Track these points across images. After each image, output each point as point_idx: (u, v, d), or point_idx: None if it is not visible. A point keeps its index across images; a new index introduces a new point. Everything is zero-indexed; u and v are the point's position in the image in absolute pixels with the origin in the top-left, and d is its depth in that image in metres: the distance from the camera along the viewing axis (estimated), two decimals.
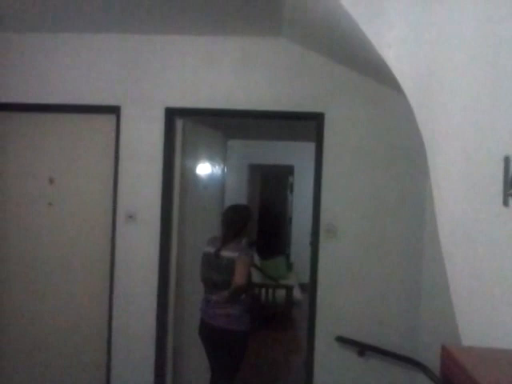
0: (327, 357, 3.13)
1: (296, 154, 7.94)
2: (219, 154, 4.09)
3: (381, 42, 1.90)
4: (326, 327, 3.13)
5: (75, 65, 3.27)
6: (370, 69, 2.90)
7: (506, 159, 1.00)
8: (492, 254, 1.07)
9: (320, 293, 3.14)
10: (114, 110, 3.26)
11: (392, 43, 1.84)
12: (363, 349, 3.04)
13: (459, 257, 1.25)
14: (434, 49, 1.61)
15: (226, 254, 2.85)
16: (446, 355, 0.74)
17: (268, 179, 9.25)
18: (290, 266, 7.29)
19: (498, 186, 1.02)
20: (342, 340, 3.08)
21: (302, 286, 6.75)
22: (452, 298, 1.25)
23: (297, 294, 6.15)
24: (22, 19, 3.06)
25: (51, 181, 3.37)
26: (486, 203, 1.09)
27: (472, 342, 1.12)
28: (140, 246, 3.24)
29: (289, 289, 5.91)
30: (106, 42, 3.26)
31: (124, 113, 3.26)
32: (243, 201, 7.62)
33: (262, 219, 8.66)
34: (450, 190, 1.38)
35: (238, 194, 7.38)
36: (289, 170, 8.63)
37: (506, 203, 1.00)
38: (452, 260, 1.30)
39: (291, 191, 8.91)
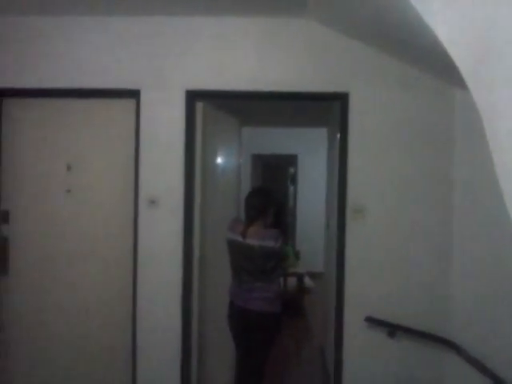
0: (356, 338, 3.11)
1: (300, 143, 7.93)
2: (235, 140, 4.05)
3: (427, 9, 1.86)
4: (355, 308, 3.11)
5: (92, 48, 3.19)
6: (399, 48, 2.87)
7: None
8: None
9: (348, 273, 3.12)
10: (133, 94, 3.19)
11: (439, 10, 1.79)
12: (393, 329, 3.01)
13: None
14: (489, 12, 1.57)
15: (256, 242, 2.82)
16: None
17: (270, 169, 9.19)
18: (297, 255, 7.26)
19: None
20: (372, 320, 3.06)
21: (310, 274, 6.75)
22: None
23: (308, 281, 6.14)
24: (40, 1, 2.98)
25: (69, 167, 3.29)
26: None
27: None
28: (163, 230, 3.18)
29: (299, 276, 5.90)
30: (124, 24, 3.17)
31: (144, 96, 3.18)
32: (247, 190, 7.56)
33: None
34: None
35: (243, 184, 7.31)
36: (291, 160, 8.59)
37: None
38: None
39: (292, 182, 8.88)
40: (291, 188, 9.01)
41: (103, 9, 3.08)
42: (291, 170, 8.92)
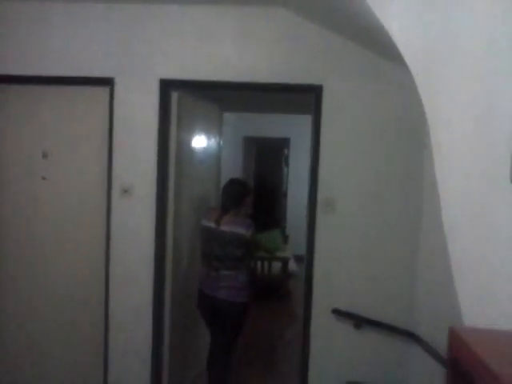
0: (323, 329, 3.16)
1: (292, 127, 7.88)
2: (215, 127, 4.04)
3: (384, 13, 1.84)
4: (323, 300, 3.15)
5: (66, 35, 3.17)
6: (371, 40, 2.84)
7: None
8: (497, 233, 1.05)
9: (317, 266, 3.15)
10: (107, 82, 3.18)
11: (396, 14, 1.78)
12: (359, 321, 3.07)
13: (463, 236, 1.24)
14: (441, 20, 1.56)
15: (228, 228, 2.99)
16: (454, 337, 0.73)
17: (263, 152, 9.18)
18: (285, 239, 7.31)
19: (505, 165, 1.00)
20: (339, 313, 3.11)
21: (298, 258, 6.81)
22: (454, 278, 1.24)
23: (292, 266, 6.21)
24: None
25: (44, 155, 3.31)
26: (493, 181, 1.07)
27: (474, 322, 1.11)
28: (136, 219, 3.21)
29: (284, 261, 5.96)
30: (99, 11, 3.14)
31: (118, 85, 3.17)
32: (239, 173, 7.62)
33: (257, 192, 8.65)
34: (454, 168, 1.36)
35: (233, 167, 7.34)
36: (284, 143, 8.57)
37: None
38: (455, 239, 1.29)
39: (286, 164, 8.87)
40: (285, 170, 9.01)
41: None
42: (285, 151, 8.90)
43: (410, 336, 2.97)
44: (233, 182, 3.29)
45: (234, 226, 3.01)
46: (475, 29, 1.32)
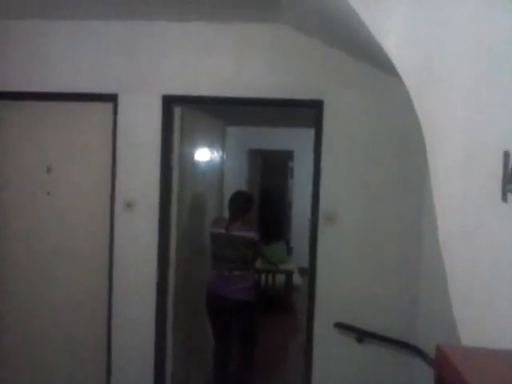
0: (326, 343, 3.15)
1: (296, 139, 7.91)
2: (218, 141, 4.07)
3: (379, 29, 1.86)
4: (325, 313, 3.14)
5: (71, 52, 3.22)
6: (370, 55, 2.86)
7: (506, 154, 0.98)
8: (490, 250, 1.06)
9: (319, 279, 3.15)
10: (111, 98, 3.22)
11: (391, 30, 1.80)
12: (362, 335, 3.06)
13: (457, 252, 1.24)
14: (434, 36, 1.57)
15: (239, 233, 3.35)
16: (440, 355, 0.74)
17: (268, 164, 9.21)
18: (289, 251, 7.30)
19: (497, 181, 1.01)
20: (341, 326, 3.09)
21: (302, 270, 6.79)
22: (450, 293, 1.25)
23: (296, 279, 6.18)
24: (17, 5, 3.00)
25: (49, 170, 3.35)
26: (485, 198, 1.08)
27: (469, 338, 1.12)
28: (139, 233, 3.24)
29: (288, 274, 5.94)
30: (103, 29, 3.20)
31: (121, 101, 3.22)
32: (243, 186, 7.64)
33: (262, 204, 8.67)
34: (448, 184, 1.36)
35: (238, 180, 7.36)
36: (289, 155, 8.61)
37: (504, 199, 0.99)
38: (450, 255, 1.30)
39: (291, 176, 8.89)
40: (290, 182, 9.02)
41: (82, 13, 3.11)
42: (290, 164, 8.92)
43: (413, 350, 2.95)
44: (238, 195, 3.61)
45: (243, 231, 3.36)
46: (472, 45, 1.32)
